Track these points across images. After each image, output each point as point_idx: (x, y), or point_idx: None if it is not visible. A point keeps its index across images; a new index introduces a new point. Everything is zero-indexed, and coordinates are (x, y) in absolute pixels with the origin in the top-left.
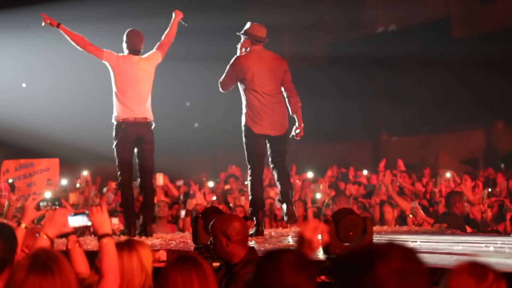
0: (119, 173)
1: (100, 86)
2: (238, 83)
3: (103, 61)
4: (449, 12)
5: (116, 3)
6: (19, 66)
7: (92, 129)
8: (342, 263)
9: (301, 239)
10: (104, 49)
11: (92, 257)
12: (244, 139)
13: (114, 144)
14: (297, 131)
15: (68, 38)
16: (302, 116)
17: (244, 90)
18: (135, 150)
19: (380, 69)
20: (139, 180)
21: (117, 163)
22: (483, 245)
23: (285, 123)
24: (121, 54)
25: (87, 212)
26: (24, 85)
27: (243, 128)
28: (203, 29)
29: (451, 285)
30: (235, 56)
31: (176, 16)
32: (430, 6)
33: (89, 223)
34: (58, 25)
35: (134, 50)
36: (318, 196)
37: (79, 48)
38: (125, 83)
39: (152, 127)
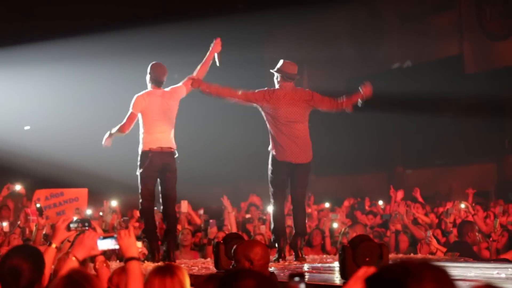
0: (141, 200)
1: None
2: (264, 115)
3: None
4: (462, 49)
5: (135, 38)
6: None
7: (118, 160)
8: (376, 279)
9: None
10: (133, 110)
11: None
12: (269, 169)
13: (139, 172)
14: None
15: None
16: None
17: (268, 122)
18: (158, 179)
19: (396, 104)
20: (161, 207)
21: (140, 191)
22: (495, 272)
23: (309, 153)
24: (145, 91)
25: (115, 235)
26: (27, 127)
27: (269, 157)
28: (224, 63)
29: None
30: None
31: (213, 48)
32: (443, 44)
33: (116, 247)
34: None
35: (158, 82)
36: (335, 225)
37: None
38: (151, 114)
39: (176, 156)
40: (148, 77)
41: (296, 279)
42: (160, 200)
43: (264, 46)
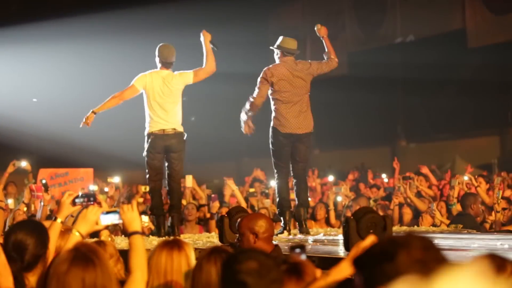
0: (148, 181)
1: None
2: (269, 92)
3: (141, 91)
4: (465, 23)
5: (140, 16)
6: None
7: (123, 139)
8: (365, 255)
9: None
10: (133, 82)
11: (123, 255)
12: (270, 144)
13: (144, 154)
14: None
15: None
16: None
17: (272, 97)
18: (165, 158)
19: (399, 78)
20: (167, 184)
21: (147, 171)
22: (499, 243)
23: (311, 123)
24: (152, 70)
25: (118, 210)
26: (34, 99)
27: (270, 131)
28: (229, 41)
29: None
30: (265, 68)
31: (205, 40)
32: (446, 18)
33: (120, 221)
34: (94, 112)
35: (165, 63)
36: (339, 199)
37: (119, 104)
38: (154, 96)
39: (184, 137)
40: (157, 59)
41: (297, 250)
42: (166, 177)
43: (268, 22)
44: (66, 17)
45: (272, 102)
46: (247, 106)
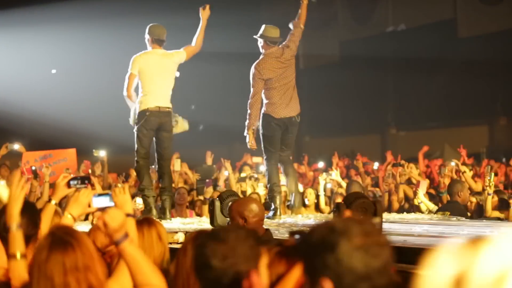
0: (136, 158)
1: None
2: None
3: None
4: (455, 13)
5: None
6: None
7: (109, 119)
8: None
9: None
10: (130, 71)
11: None
12: (262, 129)
13: (135, 130)
14: None
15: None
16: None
17: (264, 87)
18: (154, 138)
19: (390, 67)
20: (157, 166)
21: (136, 149)
22: (488, 229)
23: (298, 105)
24: (144, 51)
25: (110, 193)
26: (54, 71)
27: (261, 117)
28: (220, 25)
29: None
30: (254, 65)
31: (205, 16)
32: (437, 7)
33: (111, 204)
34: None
35: (159, 41)
36: (329, 186)
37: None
38: (149, 74)
39: (174, 118)
40: (149, 38)
41: (297, 236)
42: (156, 158)
43: (260, 7)
44: (54, 2)
45: (263, 90)
46: (249, 112)
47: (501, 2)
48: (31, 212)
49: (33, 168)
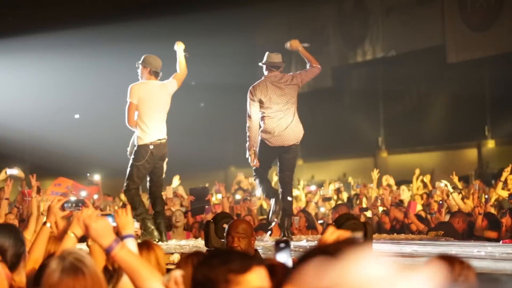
0: (130, 186)
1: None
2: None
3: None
4: (444, 39)
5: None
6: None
7: (104, 143)
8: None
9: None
10: (130, 100)
11: None
12: (258, 153)
13: (137, 163)
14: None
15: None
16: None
17: (260, 112)
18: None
19: (380, 92)
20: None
21: (132, 178)
22: (476, 249)
23: (299, 134)
24: (141, 81)
25: (113, 214)
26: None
27: (258, 142)
28: (215, 53)
29: None
30: (250, 87)
31: (178, 48)
32: (426, 34)
33: (114, 224)
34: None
35: (156, 73)
36: (322, 210)
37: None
38: (148, 106)
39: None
40: (144, 69)
41: (282, 245)
42: (148, 185)
43: (255, 36)
44: (57, 29)
45: (260, 117)
46: (249, 135)
47: (489, 29)
48: (15, 232)
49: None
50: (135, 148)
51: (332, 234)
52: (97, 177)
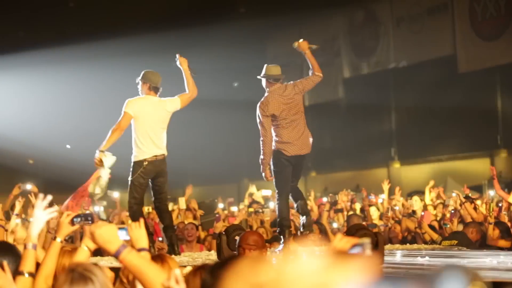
0: (131, 205)
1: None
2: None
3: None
4: (455, 49)
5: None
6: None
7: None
8: None
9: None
10: (125, 110)
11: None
12: (273, 166)
13: (131, 178)
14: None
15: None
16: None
17: (273, 124)
18: (150, 182)
19: (392, 102)
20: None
21: (132, 195)
22: (488, 259)
23: (310, 143)
24: (139, 96)
25: (126, 227)
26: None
27: (272, 154)
28: (227, 66)
29: None
30: (258, 104)
31: (183, 65)
32: (437, 44)
33: (127, 238)
34: (102, 151)
35: (156, 88)
36: (335, 225)
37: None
38: (146, 122)
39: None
40: (144, 85)
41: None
42: (154, 202)
43: (266, 48)
44: (68, 44)
45: (272, 128)
46: (263, 150)
47: (499, 38)
48: (12, 249)
49: (49, 197)
50: (132, 165)
51: (341, 241)
52: (116, 195)
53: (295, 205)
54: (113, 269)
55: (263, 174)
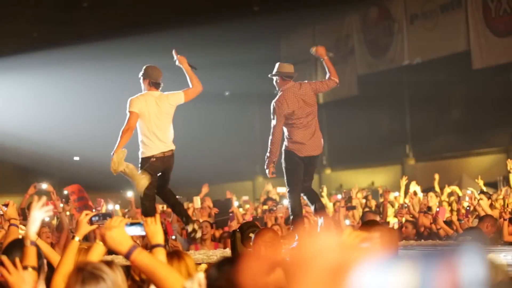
0: (143, 201)
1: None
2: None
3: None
4: (469, 45)
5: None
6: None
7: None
8: None
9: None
10: (130, 109)
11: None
12: (284, 163)
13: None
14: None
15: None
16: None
17: (285, 123)
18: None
19: (407, 99)
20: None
21: (143, 193)
22: (502, 254)
23: (322, 143)
24: (141, 93)
25: (142, 222)
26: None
27: (284, 153)
28: (242, 63)
29: None
30: (273, 101)
31: (182, 63)
32: (451, 41)
33: (143, 233)
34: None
35: (156, 84)
36: (347, 222)
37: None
38: (150, 118)
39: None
40: (144, 81)
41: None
42: (165, 194)
43: (280, 45)
44: (81, 44)
45: (285, 128)
46: (270, 148)
47: None
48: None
49: (65, 192)
50: (140, 162)
51: (350, 235)
52: (130, 194)
53: (312, 208)
54: (125, 266)
55: (266, 170)
